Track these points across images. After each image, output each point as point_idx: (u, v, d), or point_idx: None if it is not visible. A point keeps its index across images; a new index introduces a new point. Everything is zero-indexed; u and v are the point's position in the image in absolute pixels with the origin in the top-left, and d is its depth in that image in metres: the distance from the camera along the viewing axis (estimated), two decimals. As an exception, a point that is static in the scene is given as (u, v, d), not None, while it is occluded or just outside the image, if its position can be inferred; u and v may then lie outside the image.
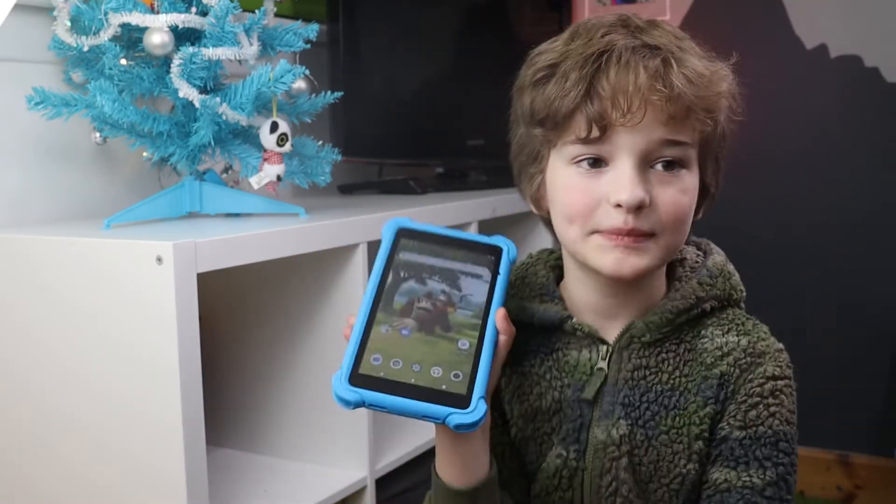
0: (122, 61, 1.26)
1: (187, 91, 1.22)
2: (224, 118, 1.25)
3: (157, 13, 1.22)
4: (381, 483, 1.44)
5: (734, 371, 0.82)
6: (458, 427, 0.70)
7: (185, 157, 1.31)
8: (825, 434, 2.11)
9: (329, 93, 1.42)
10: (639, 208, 0.76)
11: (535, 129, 0.82)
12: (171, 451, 1.07)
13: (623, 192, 0.76)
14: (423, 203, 1.61)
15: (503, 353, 0.77)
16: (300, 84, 1.37)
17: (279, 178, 1.31)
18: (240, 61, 1.28)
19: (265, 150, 1.30)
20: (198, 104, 1.23)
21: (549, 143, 0.82)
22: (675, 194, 0.78)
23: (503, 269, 0.81)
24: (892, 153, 2.02)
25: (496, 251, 0.83)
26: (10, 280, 1.18)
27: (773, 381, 0.81)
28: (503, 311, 0.77)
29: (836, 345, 2.09)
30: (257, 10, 1.30)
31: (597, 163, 0.79)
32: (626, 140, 0.77)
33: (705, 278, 0.86)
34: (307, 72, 1.31)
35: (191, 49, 1.20)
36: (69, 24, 1.26)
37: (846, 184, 2.07)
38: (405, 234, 0.81)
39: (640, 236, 0.78)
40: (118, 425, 1.11)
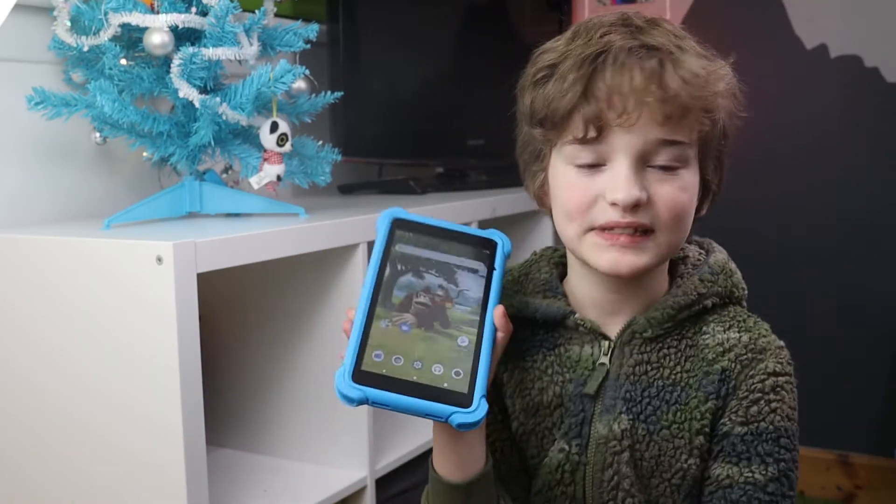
0: (122, 61, 1.26)
1: (187, 91, 1.22)
2: (224, 118, 1.25)
3: (157, 13, 1.22)
4: (381, 483, 1.43)
5: (735, 367, 0.82)
6: (460, 426, 0.70)
7: (185, 157, 1.31)
8: (825, 434, 2.11)
9: (329, 93, 1.42)
10: (636, 206, 0.77)
11: (536, 128, 0.83)
12: (171, 451, 1.07)
13: (619, 191, 0.77)
14: (423, 203, 1.61)
15: (500, 349, 0.78)
16: (300, 84, 1.38)
17: (279, 178, 1.31)
18: (240, 61, 1.28)
19: (265, 150, 1.30)
20: (198, 104, 1.23)
21: (549, 142, 0.83)
22: (674, 192, 0.78)
23: (498, 263, 0.81)
24: (892, 153, 2.02)
25: (491, 245, 0.83)
26: (10, 280, 1.18)
27: (774, 377, 0.82)
28: (502, 309, 0.78)
29: (836, 345, 2.09)
30: (257, 10, 1.30)
31: (595, 163, 0.79)
32: (622, 140, 0.77)
33: (707, 275, 0.86)
34: (307, 72, 1.31)
35: (191, 49, 1.21)
36: (69, 24, 1.26)
37: (846, 184, 2.07)
38: (400, 226, 0.81)
39: (638, 234, 0.78)
40: (118, 425, 1.11)
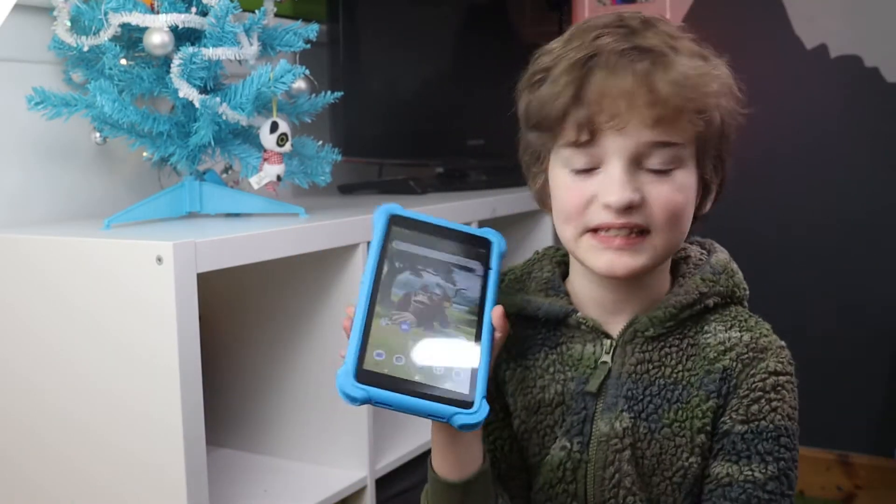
0: (122, 61, 1.26)
1: (187, 91, 1.22)
2: (224, 118, 1.25)
3: (157, 13, 1.22)
4: (381, 483, 1.44)
5: (736, 366, 0.82)
6: (462, 427, 0.70)
7: (185, 157, 1.31)
8: (825, 434, 2.10)
9: (329, 93, 1.42)
10: (630, 208, 0.77)
11: (532, 132, 0.83)
12: (171, 451, 1.07)
13: (612, 194, 0.77)
14: (423, 203, 1.61)
15: (498, 349, 0.79)
16: (300, 84, 1.38)
17: (279, 178, 1.31)
18: (240, 61, 1.28)
19: (265, 150, 1.30)
20: (198, 104, 1.23)
21: (545, 145, 0.83)
22: (669, 192, 0.78)
23: (494, 263, 0.82)
24: (892, 153, 2.02)
25: (486, 244, 0.83)
26: (10, 280, 1.18)
27: (774, 376, 0.82)
28: (501, 310, 0.78)
29: (836, 345, 2.09)
30: (257, 10, 1.30)
31: (589, 167, 0.79)
32: (615, 143, 0.77)
33: (708, 274, 0.86)
34: (307, 72, 1.31)
35: (191, 49, 1.20)
36: (69, 24, 1.26)
37: (846, 184, 2.07)
38: (396, 222, 0.81)
39: (633, 236, 0.78)
40: (118, 425, 1.11)
